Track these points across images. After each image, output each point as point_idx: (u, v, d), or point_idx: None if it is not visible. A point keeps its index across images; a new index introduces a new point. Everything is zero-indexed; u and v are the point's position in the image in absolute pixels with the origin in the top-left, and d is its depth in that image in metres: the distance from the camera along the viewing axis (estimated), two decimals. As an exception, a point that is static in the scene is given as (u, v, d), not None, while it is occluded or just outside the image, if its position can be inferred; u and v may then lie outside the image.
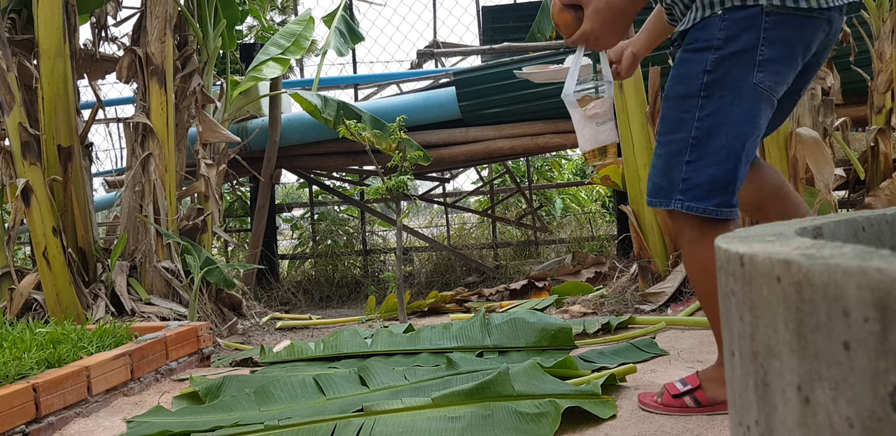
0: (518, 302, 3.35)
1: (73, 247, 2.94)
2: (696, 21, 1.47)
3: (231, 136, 3.61)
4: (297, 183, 6.25)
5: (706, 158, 1.43)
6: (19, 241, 4.72)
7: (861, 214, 0.70)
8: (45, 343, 2.03)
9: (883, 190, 3.20)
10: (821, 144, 2.46)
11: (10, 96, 2.86)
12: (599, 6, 1.50)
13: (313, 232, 5.26)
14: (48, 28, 2.93)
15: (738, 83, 1.42)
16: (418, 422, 1.51)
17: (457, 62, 5.93)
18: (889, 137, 3.50)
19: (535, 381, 1.69)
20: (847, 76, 3.63)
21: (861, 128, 3.90)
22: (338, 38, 4.51)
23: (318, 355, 2.34)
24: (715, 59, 1.42)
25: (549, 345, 2.24)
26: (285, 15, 7.58)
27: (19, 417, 1.63)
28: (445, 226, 5.62)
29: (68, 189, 2.99)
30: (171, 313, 2.96)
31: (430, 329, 2.44)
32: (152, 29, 3.20)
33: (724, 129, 1.43)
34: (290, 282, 4.82)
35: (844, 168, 3.09)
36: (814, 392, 0.42)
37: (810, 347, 0.42)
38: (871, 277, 0.38)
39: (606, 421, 1.53)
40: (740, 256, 0.49)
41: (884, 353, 0.37)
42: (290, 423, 1.55)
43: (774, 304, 0.45)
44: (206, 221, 3.47)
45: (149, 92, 3.19)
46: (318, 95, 3.97)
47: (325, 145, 4.44)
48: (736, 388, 0.53)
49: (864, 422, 0.39)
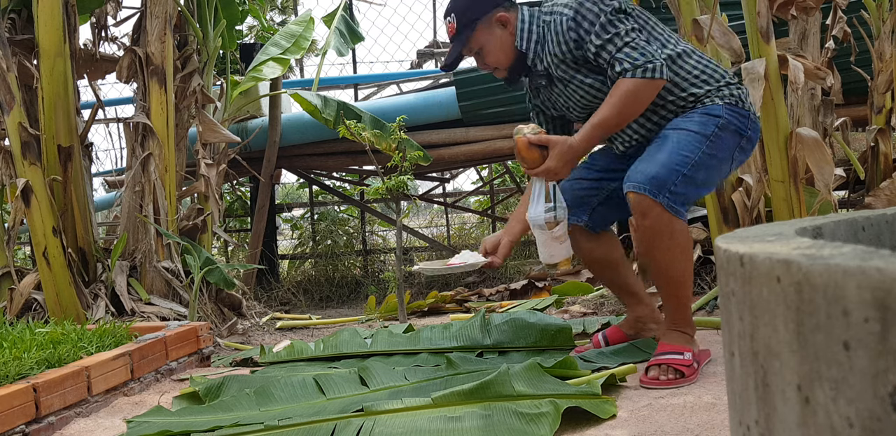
0: (518, 302, 3.35)
1: (73, 247, 2.94)
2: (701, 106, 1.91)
3: (231, 136, 3.61)
4: (297, 183, 6.25)
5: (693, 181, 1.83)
6: (19, 241, 4.72)
7: (861, 214, 0.71)
8: (45, 343, 2.03)
9: (883, 190, 3.20)
10: (821, 144, 2.46)
11: (10, 96, 2.87)
12: (563, 150, 1.84)
13: (313, 232, 5.26)
14: (48, 28, 2.93)
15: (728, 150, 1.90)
16: (418, 422, 1.51)
17: (457, 62, 5.92)
18: (889, 137, 3.50)
19: (535, 381, 1.69)
20: (847, 76, 3.63)
21: (861, 128, 3.90)
22: (338, 38, 4.50)
23: (318, 355, 2.34)
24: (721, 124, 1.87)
25: (549, 345, 2.24)
26: (285, 15, 7.58)
27: (19, 417, 1.64)
28: (445, 226, 5.62)
29: (68, 189, 2.99)
30: (171, 313, 2.96)
31: (429, 329, 2.44)
32: (152, 29, 3.20)
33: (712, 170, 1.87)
34: (290, 282, 4.82)
35: (844, 168, 3.09)
36: (814, 392, 0.42)
37: (810, 347, 0.42)
38: (871, 277, 0.38)
39: (606, 421, 1.53)
40: (740, 256, 0.49)
41: (884, 353, 0.37)
42: (290, 423, 1.55)
43: (774, 304, 0.45)
44: (206, 221, 3.47)
45: (149, 92, 3.19)
46: (318, 95, 3.97)
47: (325, 145, 4.44)
48: (736, 388, 0.54)
49: (864, 422, 0.39)
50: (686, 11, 2.71)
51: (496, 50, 2.00)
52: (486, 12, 1.97)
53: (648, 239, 1.82)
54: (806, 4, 2.52)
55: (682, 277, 1.86)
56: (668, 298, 1.90)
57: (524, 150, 1.87)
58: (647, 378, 1.78)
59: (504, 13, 1.98)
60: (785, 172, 2.52)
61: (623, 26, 1.85)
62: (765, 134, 2.56)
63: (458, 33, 1.98)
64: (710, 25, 2.45)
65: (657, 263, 1.85)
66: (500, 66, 2.03)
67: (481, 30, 1.98)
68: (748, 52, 2.58)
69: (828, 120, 3.44)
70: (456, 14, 1.97)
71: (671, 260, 1.83)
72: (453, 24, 1.98)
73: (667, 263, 1.83)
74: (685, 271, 1.87)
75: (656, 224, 1.79)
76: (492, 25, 1.98)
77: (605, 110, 1.83)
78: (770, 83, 2.46)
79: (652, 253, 1.84)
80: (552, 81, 2.04)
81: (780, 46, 2.69)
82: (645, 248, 1.86)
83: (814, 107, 3.43)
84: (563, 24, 1.91)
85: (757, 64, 2.42)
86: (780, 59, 2.50)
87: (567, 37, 1.91)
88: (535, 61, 2.00)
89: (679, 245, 1.82)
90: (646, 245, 1.84)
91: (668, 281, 1.87)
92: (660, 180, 1.78)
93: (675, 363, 1.79)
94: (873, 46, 3.52)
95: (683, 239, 1.83)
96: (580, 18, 1.88)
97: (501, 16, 1.97)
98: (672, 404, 1.62)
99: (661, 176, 1.78)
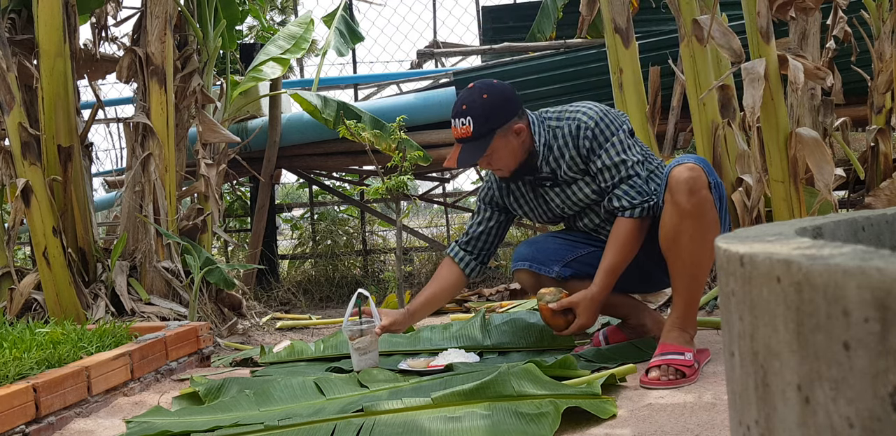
0: (518, 302, 3.35)
1: (73, 247, 2.94)
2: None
3: (231, 136, 3.61)
4: (297, 183, 6.24)
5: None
6: (19, 241, 4.72)
7: (861, 214, 0.71)
8: (45, 343, 2.03)
9: (883, 190, 3.20)
10: (821, 144, 2.46)
11: (10, 96, 2.86)
12: (587, 305, 1.97)
13: (313, 232, 5.26)
14: (48, 28, 2.93)
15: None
16: (418, 422, 1.51)
17: (457, 62, 5.92)
18: (889, 137, 3.50)
19: (535, 381, 1.69)
20: (847, 76, 3.63)
21: (861, 128, 3.91)
22: (338, 39, 4.50)
23: (318, 356, 2.34)
24: None
25: (549, 345, 2.24)
26: (285, 15, 7.58)
27: (19, 417, 1.63)
28: (445, 226, 5.61)
29: (68, 189, 2.99)
30: (171, 313, 2.96)
31: (429, 329, 2.44)
32: (152, 29, 3.20)
33: None
34: (290, 282, 4.81)
35: (844, 168, 3.09)
36: (814, 392, 0.42)
37: (810, 347, 0.42)
38: (871, 278, 0.38)
39: (606, 421, 1.53)
40: (740, 256, 0.49)
41: (884, 353, 0.37)
42: (290, 423, 1.55)
43: (774, 304, 0.45)
44: (206, 221, 3.47)
45: (149, 92, 3.19)
46: (318, 95, 3.97)
47: (325, 145, 4.43)
48: (736, 388, 0.54)
49: (864, 422, 0.39)
50: (686, 11, 2.71)
51: (507, 156, 2.04)
52: (506, 121, 2.01)
53: (688, 216, 1.81)
54: (805, 5, 2.52)
55: (702, 268, 1.87)
56: (682, 291, 1.89)
57: (549, 318, 2.02)
58: (648, 379, 1.78)
59: (521, 124, 2.03)
60: (785, 172, 2.51)
61: (632, 157, 1.98)
62: (765, 134, 2.57)
63: (474, 139, 1.99)
64: (710, 25, 2.45)
65: (685, 248, 1.84)
66: (506, 169, 2.08)
67: (499, 137, 2.00)
68: (748, 52, 2.58)
69: (828, 120, 3.44)
70: (474, 120, 1.98)
71: (700, 247, 1.82)
72: (468, 128, 1.98)
73: (695, 248, 1.82)
74: (706, 265, 1.87)
75: (700, 203, 1.81)
76: (508, 134, 2.01)
77: (611, 256, 1.97)
78: (770, 83, 2.46)
79: (680, 238, 1.83)
80: (556, 182, 2.10)
81: (780, 46, 2.69)
82: (675, 232, 1.84)
83: (814, 107, 3.43)
84: (581, 131, 2.00)
85: (757, 64, 2.42)
86: (780, 59, 2.50)
87: (581, 143, 2.01)
88: (541, 163, 2.06)
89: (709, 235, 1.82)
90: (677, 229, 1.83)
91: (689, 270, 1.85)
92: (707, 165, 1.89)
93: (677, 364, 1.79)
94: (873, 46, 3.52)
95: (714, 235, 1.82)
96: (598, 131, 1.99)
97: (519, 127, 2.02)
98: (672, 403, 1.62)
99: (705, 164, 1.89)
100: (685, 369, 1.78)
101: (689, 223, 1.81)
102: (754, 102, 2.35)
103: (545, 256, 2.18)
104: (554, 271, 2.16)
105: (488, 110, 1.98)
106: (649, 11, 3.92)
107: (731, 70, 2.65)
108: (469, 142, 2.01)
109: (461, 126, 2.00)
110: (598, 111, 2.01)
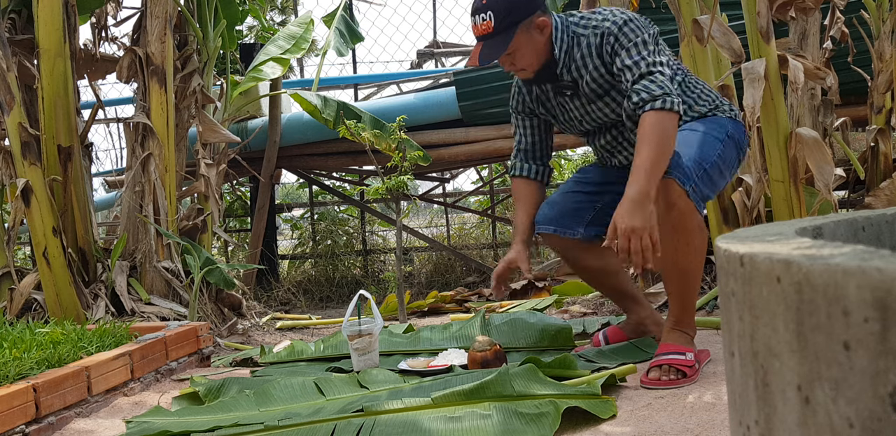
0: (518, 302, 3.35)
1: (73, 247, 2.94)
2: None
3: (231, 136, 3.61)
4: (297, 183, 6.25)
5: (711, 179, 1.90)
6: (19, 241, 4.72)
7: (861, 214, 0.71)
8: (45, 343, 2.03)
9: (883, 190, 3.20)
10: (821, 144, 2.45)
11: (10, 96, 2.86)
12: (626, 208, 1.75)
13: (313, 232, 5.26)
14: (48, 28, 2.93)
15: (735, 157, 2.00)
16: (418, 422, 1.51)
17: (457, 62, 5.92)
18: (889, 137, 3.50)
19: (534, 381, 1.69)
20: (847, 76, 3.63)
21: (861, 128, 3.90)
22: (338, 39, 4.50)
23: (318, 356, 2.34)
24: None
25: (549, 345, 2.24)
26: (285, 15, 7.57)
27: (19, 417, 1.63)
28: (445, 226, 5.61)
29: (68, 189, 2.99)
30: (171, 313, 2.96)
31: (429, 329, 2.44)
32: (152, 29, 3.20)
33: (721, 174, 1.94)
34: (290, 282, 4.81)
35: (844, 168, 3.09)
36: (814, 392, 0.42)
37: (810, 347, 0.42)
38: (871, 278, 0.38)
39: (606, 421, 1.53)
40: (740, 256, 0.49)
41: (884, 353, 0.37)
42: (290, 423, 1.55)
43: (774, 304, 0.45)
44: (206, 221, 3.47)
45: (149, 92, 3.19)
46: (318, 95, 3.97)
47: (325, 145, 4.43)
48: (736, 388, 0.54)
49: (864, 422, 0.39)
50: (686, 11, 2.70)
51: (530, 53, 1.94)
52: (528, 15, 1.91)
53: (670, 229, 1.80)
54: (805, 5, 2.52)
55: (693, 274, 1.86)
56: (676, 295, 1.89)
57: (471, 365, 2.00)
58: (648, 379, 1.78)
59: (544, 18, 1.93)
60: (785, 172, 2.51)
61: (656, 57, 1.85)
62: (765, 134, 2.56)
63: (496, 34, 1.89)
64: (710, 25, 2.45)
65: (670, 259, 1.82)
66: (530, 69, 1.98)
67: (521, 33, 1.91)
68: (748, 52, 2.57)
69: (828, 120, 3.44)
70: (495, 14, 1.87)
71: (685, 255, 1.82)
72: (489, 24, 1.88)
73: (680, 258, 1.82)
74: (697, 270, 1.86)
75: (680, 216, 1.79)
76: (531, 29, 1.92)
77: (644, 152, 1.75)
78: (770, 83, 2.46)
79: (666, 252, 1.80)
80: (577, 94, 2.02)
81: (780, 46, 2.69)
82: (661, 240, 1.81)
83: (814, 107, 3.43)
84: (605, 38, 1.90)
85: (757, 64, 2.41)
86: (780, 59, 2.50)
87: (605, 49, 1.90)
88: (562, 71, 1.99)
89: (695, 241, 1.82)
90: (663, 237, 1.80)
91: (678, 277, 1.86)
92: (686, 169, 1.81)
93: (678, 364, 1.78)
94: (873, 46, 3.52)
95: (700, 239, 1.83)
96: (622, 34, 1.88)
97: (542, 20, 1.93)
98: (672, 403, 1.62)
99: (687, 166, 1.81)
100: (686, 369, 1.78)
101: (673, 237, 1.80)
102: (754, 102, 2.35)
103: (568, 218, 2.11)
104: (579, 233, 2.09)
105: (509, 3, 1.88)
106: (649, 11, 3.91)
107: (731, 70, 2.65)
108: (490, 38, 1.89)
109: (481, 22, 1.88)
110: (623, 17, 1.90)
